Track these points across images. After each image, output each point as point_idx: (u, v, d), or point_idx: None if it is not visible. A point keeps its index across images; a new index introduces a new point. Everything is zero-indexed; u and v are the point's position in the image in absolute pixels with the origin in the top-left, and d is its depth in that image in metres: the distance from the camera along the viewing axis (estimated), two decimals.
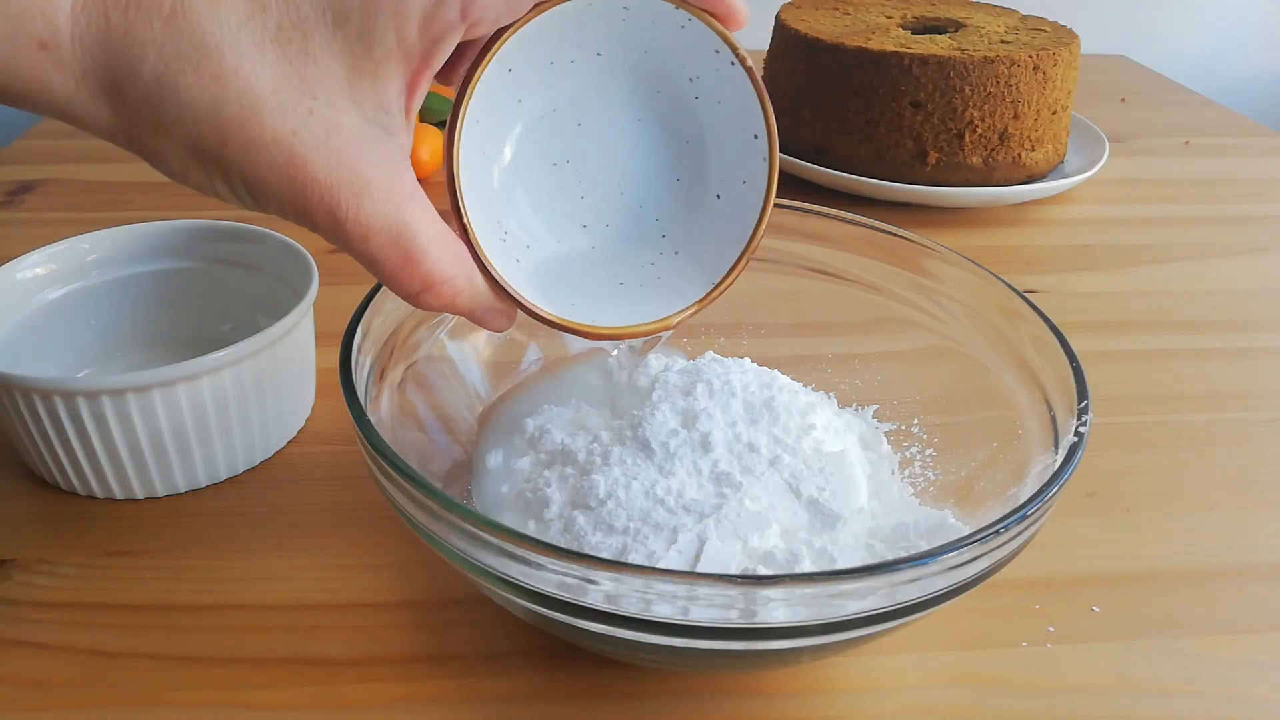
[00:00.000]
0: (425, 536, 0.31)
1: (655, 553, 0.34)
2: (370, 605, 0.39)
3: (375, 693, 0.35)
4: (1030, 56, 0.72)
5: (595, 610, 0.29)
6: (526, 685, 0.36)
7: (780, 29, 0.80)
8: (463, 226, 0.31)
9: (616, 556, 0.34)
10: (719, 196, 0.36)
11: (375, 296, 0.38)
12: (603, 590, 0.28)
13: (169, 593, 0.39)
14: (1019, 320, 0.40)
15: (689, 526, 0.34)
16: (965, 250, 0.44)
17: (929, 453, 0.43)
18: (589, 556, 0.29)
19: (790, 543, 0.35)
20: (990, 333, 0.41)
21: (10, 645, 0.36)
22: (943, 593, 0.29)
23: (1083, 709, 0.35)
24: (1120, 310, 0.63)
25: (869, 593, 0.28)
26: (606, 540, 0.34)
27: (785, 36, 0.79)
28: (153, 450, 0.41)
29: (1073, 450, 0.33)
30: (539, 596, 0.29)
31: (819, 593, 0.28)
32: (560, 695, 0.35)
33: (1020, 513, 0.30)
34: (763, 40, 0.84)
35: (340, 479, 0.45)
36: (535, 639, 0.37)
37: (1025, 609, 0.39)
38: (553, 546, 0.28)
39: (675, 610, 0.28)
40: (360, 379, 0.35)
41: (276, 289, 0.49)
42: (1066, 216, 0.76)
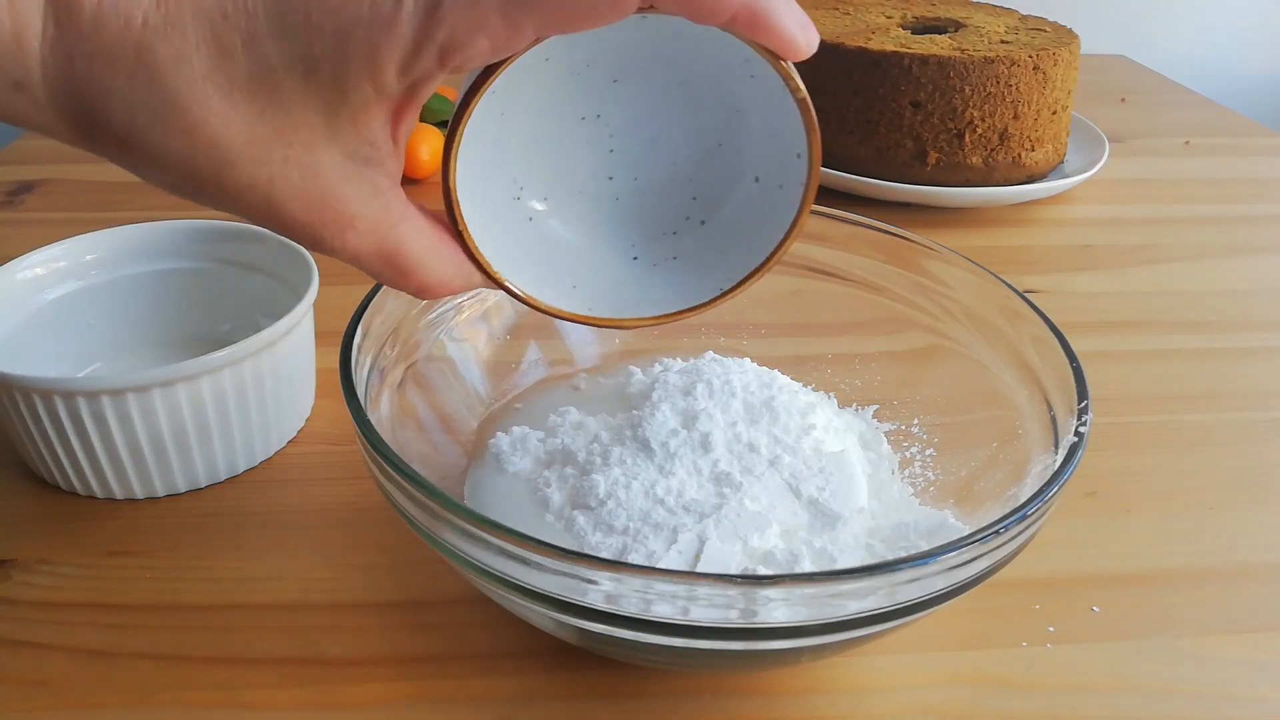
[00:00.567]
0: (425, 536, 0.31)
1: (655, 553, 0.34)
2: (370, 605, 0.39)
3: (375, 693, 0.35)
4: (1030, 56, 0.72)
5: (595, 610, 0.29)
6: (526, 685, 0.36)
7: None
8: (459, 233, 0.30)
9: (616, 556, 0.34)
10: (757, 180, 0.33)
11: (375, 296, 0.38)
12: (603, 590, 0.28)
13: (169, 593, 0.39)
14: (1019, 320, 0.40)
15: (689, 526, 0.34)
16: (965, 250, 0.44)
17: (929, 453, 0.43)
18: (589, 556, 0.29)
19: (790, 543, 0.35)
20: (990, 333, 0.41)
21: (10, 645, 0.36)
22: (943, 593, 0.29)
23: (1083, 709, 0.35)
24: (1120, 310, 0.63)
25: (869, 593, 0.28)
26: (606, 540, 0.34)
27: None
28: (153, 450, 0.41)
29: (1073, 450, 0.33)
30: (539, 596, 0.29)
31: (819, 593, 0.28)
32: (560, 695, 0.35)
33: (1020, 513, 0.30)
34: None
35: (340, 479, 0.45)
36: (535, 639, 0.37)
37: (1025, 609, 0.39)
38: (553, 546, 0.28)
39: (675, 610, 0.28)
40: (360, 379, 0.35)
41: (276, 289, 0.49)
42: (1066, 216, 0.75)
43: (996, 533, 0.29)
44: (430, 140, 0.74)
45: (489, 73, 0.27)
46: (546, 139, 0.33)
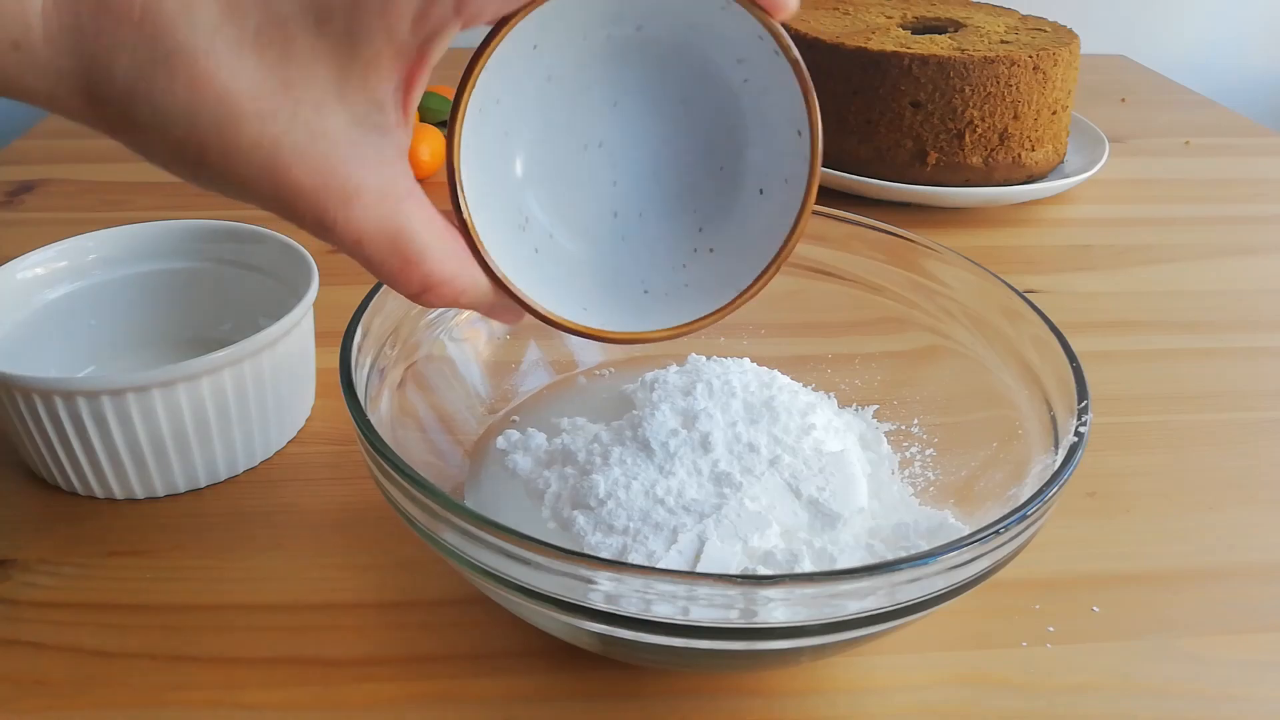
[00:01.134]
0: (425, 536, 0.31)
1: (655, 553, 0.34)
2: (370, 605, 0.39)
3: (375, 693, 0.35)
4: (1030, 56, 0.72)
5: (595, 610, 0.29)
6: (526, 685, 0.36)
7: None
8: (463, 223, 0.30)
9: (616, 556, 0.34)
10: (761, 192, 0.33)
11: (375, 296, 0.38)
12: (603, 590, 0.28)
13: (169, 593, 0.39)
14: (1019, 320, 0.40)
15: (689, 526, 0.34)
16: (965, 250, 0.44)
17: (929, 453, 0.43)
18: (589, 556, 0.29)
19: (790, 543, 0.35)
20: (990, 333, 0.41)
21: (10, 645, 0.36)
22: (943, 593, 0.29)
23: (1083, 709, 0.35)
24: (1120, 310, 0.63)
25: (869, 593, 0.28)
26: (606, 540, 0.34)
27: None
28: (153, 450, 0.41)
29: (1073, 450, 0.33)
30: (539, 596, 0.29)
31: (819, 593, 0.28)
32: (560, 695, 0.35)
33: (1020, 513, 0.30)
34: None
35: (340, 479, 0.45)
36: (535, 639, 0.37)
37: (1025, 609, 0.39)
38: (553, 546, 0.28)
39: (675, 610, 0.28)
40: (360, 379, 0.35)
41: (276, 289, 0.49)
42: (1066, 216, 0.76)
43: (996, 533, 0.29)
44: (430, 140, 0.74)
45: (496, 31, 0.27)
46: (550, 164, 0.33)
